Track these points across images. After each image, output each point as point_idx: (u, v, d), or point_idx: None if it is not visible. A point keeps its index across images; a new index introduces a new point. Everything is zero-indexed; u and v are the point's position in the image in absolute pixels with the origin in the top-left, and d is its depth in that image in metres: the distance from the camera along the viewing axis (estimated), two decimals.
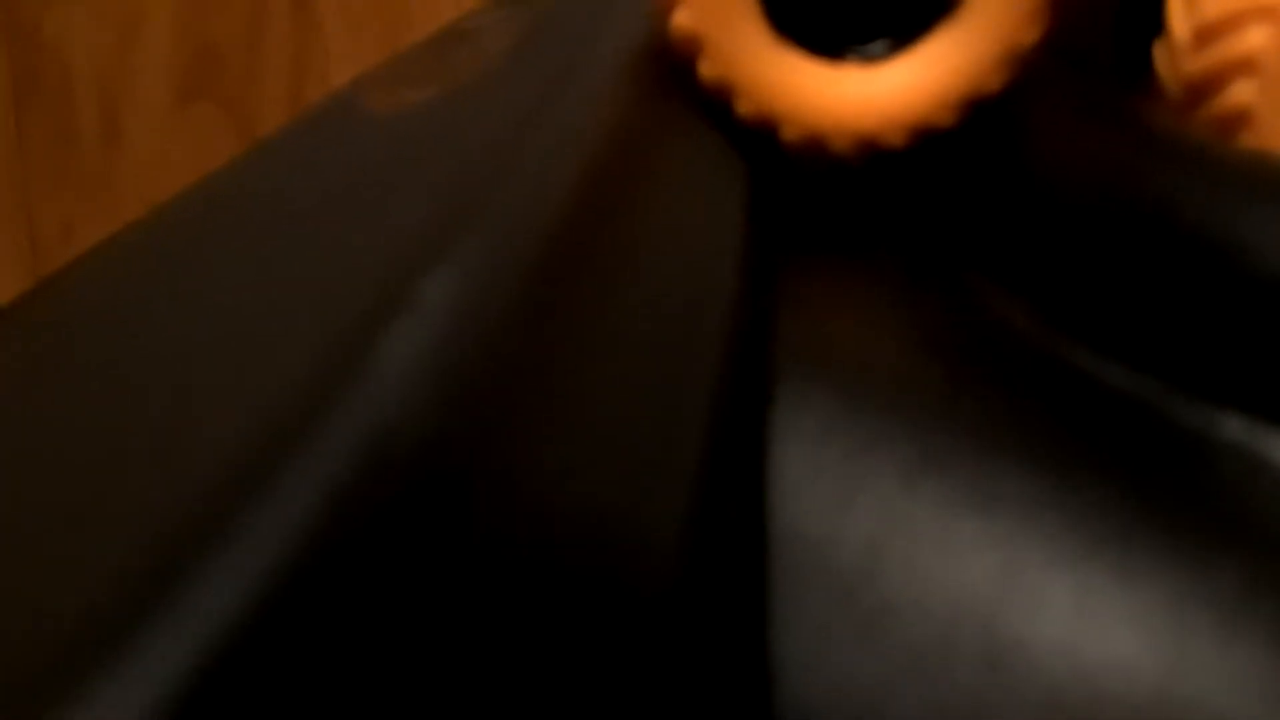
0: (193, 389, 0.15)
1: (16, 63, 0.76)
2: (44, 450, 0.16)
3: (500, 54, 0.24)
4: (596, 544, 0.15)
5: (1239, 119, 0.22)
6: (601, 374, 0.16)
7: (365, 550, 0.13)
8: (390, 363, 0.13)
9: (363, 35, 0.74)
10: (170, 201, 0.22)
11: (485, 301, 0.15)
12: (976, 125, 0.21)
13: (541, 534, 0.14)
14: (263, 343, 0.15)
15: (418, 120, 0.21)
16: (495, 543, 0.14)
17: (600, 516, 0.15)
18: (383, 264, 0.15)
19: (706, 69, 0.21)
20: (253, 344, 0.16)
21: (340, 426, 0.13)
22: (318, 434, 0.13)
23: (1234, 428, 0.18)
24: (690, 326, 0.18)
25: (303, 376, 0.14)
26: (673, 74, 0.21)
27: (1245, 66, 0.21)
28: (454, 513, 0.14)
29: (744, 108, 0.21)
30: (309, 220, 0.19)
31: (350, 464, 0.13)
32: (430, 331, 0.14)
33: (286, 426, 0.13)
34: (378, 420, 0.13)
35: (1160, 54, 0.22)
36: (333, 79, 0.73)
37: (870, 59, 0.21)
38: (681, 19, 0.21)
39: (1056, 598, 0.17)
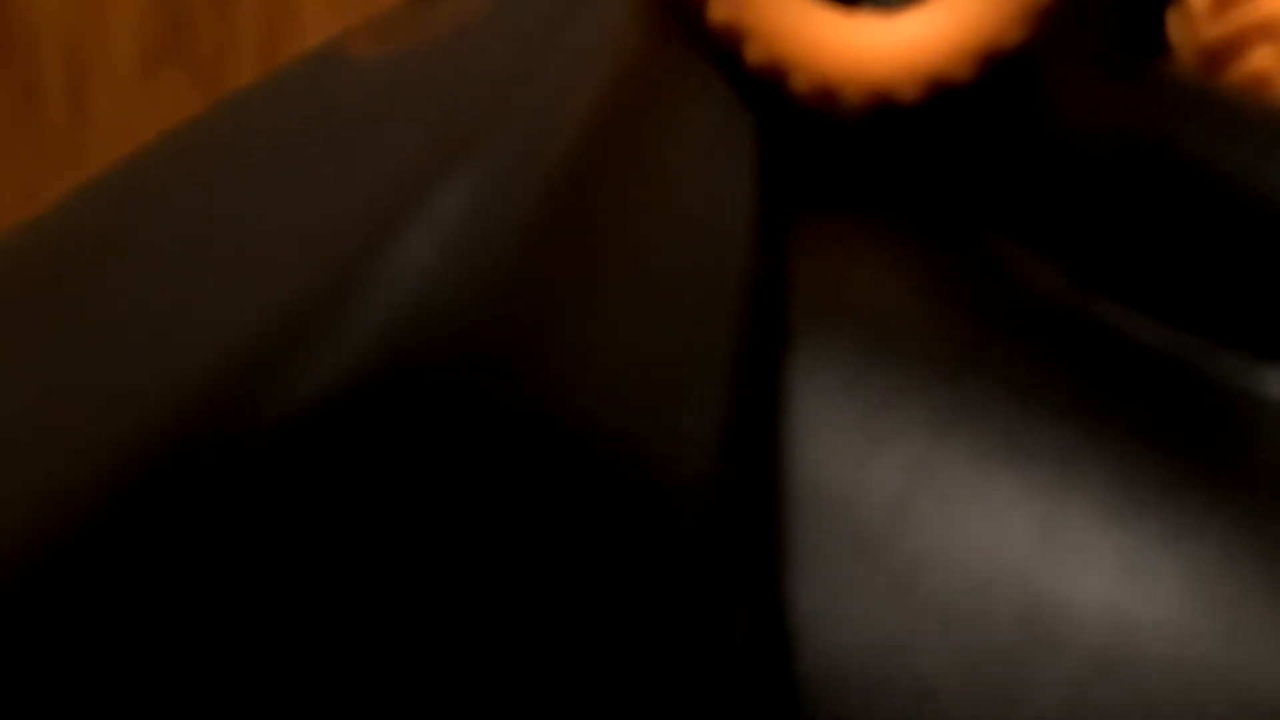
0: (200, 293, 0.15)
1: None
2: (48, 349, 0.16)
3: (491, 6, 0.23)
4: (633, 445, 0.14)
5: (1259, 84, 0.21)
6: (626, 281, 0.16)
7: (376, 439, 0.13)
8: (405, 264, 0.13)
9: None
10: (158, 141, 0.21)
11: (503, 206, 0.14)
12: (995, 80, 0.21)
13: (576, 431, 0.14)
14: (270, 249, 0.15)
15: (415, 59, 0.21)
16: (526, 435, 0.14)
17: (636, 418, 0.15)
18: (395, 176, 0.15)
19: (716, 12, 0.21)
20: (260, 251, 0.15)
21: (353, 326, 0.13)
22: (330, 333, 0.13)
23: (1277, 383, 0.18)
24: (710, 251, 0.17)
25: (314, 279, 0.13)
26: (679, 18, 0.21)
27: (1265, 31, 0.21)
28: (479, 405, 0.13)
29: (753, 54, 0.21)
30: (312, 144, 0.18)
31: (364, 362, 0.12)
32: (447, 233, 0.13)
33: (297, 323, 0.13)
34: (391, 320, 0.13)
35: (1175, 21, 0.22)
36: (308, 44, 0.73)
37: (886, 8, 0.21)
38: None
39: (1101, 555, 0.16)
